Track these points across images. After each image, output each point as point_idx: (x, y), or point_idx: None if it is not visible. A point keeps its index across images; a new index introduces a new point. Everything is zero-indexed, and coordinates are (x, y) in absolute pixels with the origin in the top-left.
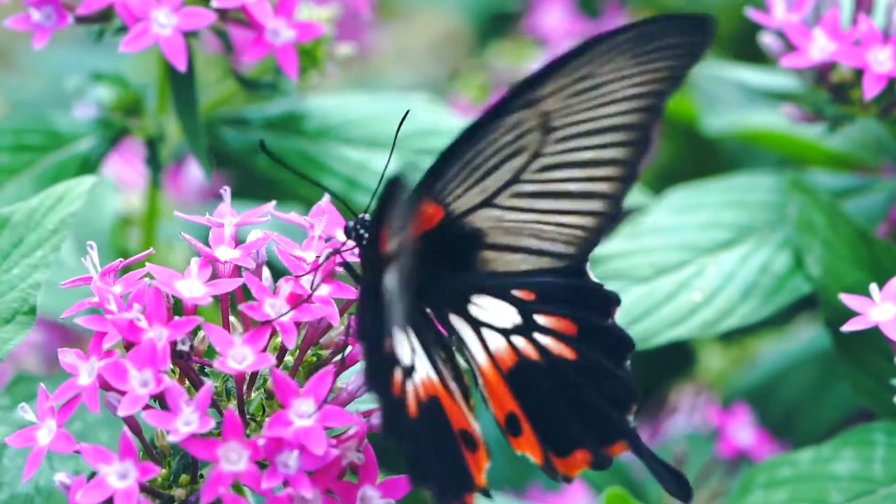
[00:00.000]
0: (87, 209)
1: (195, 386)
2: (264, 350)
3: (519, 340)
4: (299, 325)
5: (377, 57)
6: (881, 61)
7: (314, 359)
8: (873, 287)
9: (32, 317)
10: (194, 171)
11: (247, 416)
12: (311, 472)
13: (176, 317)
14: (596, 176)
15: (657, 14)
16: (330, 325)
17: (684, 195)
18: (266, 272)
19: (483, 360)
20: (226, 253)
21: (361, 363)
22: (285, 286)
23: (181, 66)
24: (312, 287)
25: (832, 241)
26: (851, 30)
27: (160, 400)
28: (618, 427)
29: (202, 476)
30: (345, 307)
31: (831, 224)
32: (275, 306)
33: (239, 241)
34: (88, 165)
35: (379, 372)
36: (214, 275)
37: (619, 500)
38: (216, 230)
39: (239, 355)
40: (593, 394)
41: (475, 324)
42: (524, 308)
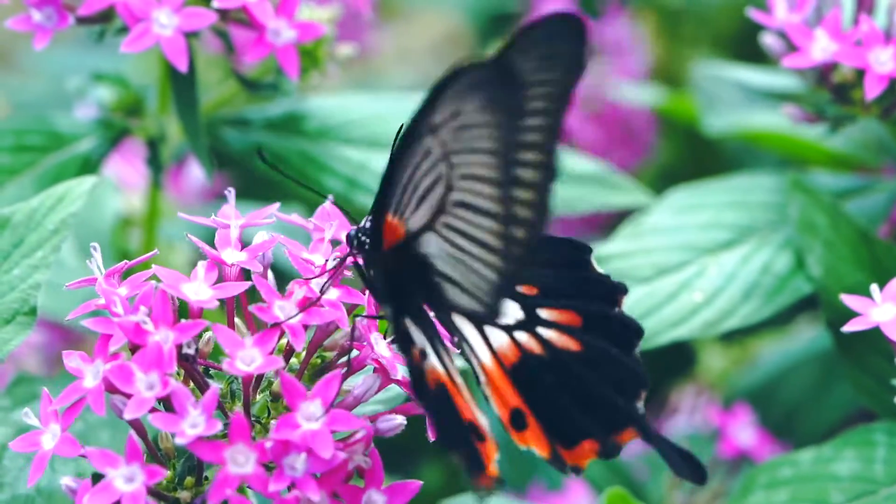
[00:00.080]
0: (88, 210)
1: (200, 388)
2: (272, 352)
3: (522, 336)
4: (307, 329)
5: (378, 57)
6: (882, 62)
7: (318, 361)
8: (874, 287)
9: (33, 317)
10: (195, 172)
11: (252, 418)
12: (318, 476)
13: (181, 319)
14: (485, 227)
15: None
16: (336, 328)
17: (685, 195)
18: (270, 274)
19: (486, 358)
20: (232, 255)
21: (369, 365)
22: (298, 289)
23: (182, 67)
24: (322, 290)
25: (833, 242)
26: (853, 30)
27: (165, 402)
28: (626, 414)
29: (207, 478)
30: (350, 310)
31: (832, 224)
32: (284, 309)
33: (243, 243)
34: (89, 166)
35: (399, 334)
36: (220, 277)
37: (621, 500)
38: (222, 232)
39: (248, 357)
40: (600, 383)
41: (478, 322)
42: (527, 303)
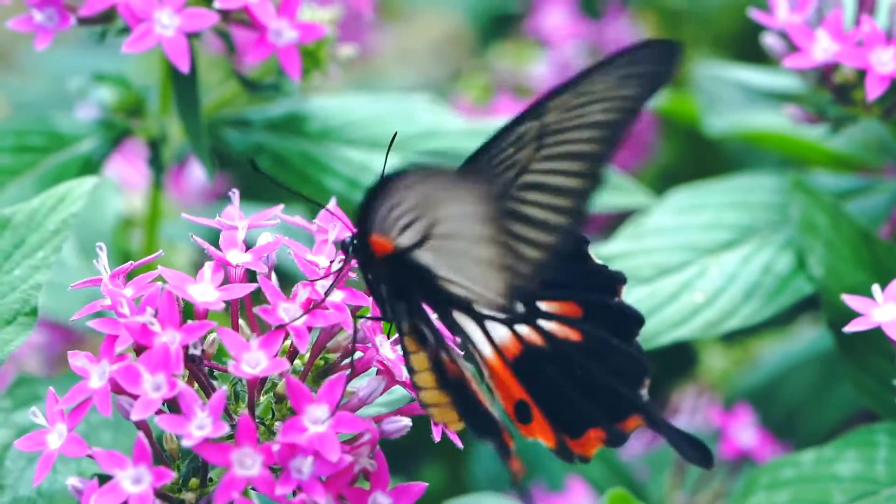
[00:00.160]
0: (89, 210)
1: (205, 389)
2: (277, 355)
3: (523, 328)
4: (311, 331)
5: (379, 58)
6: (884, 62)
7: (322, 363)
8: (875, 288)
9: (34, 318)
10: (196, 173)
11: (256, 420)
12: (324, 478)
13: (186, 320)
14: (556, 205)
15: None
16: (341, 330)
17: (686, 196)
18: (274, 276)
19: (488, 352)
20: (237, 257)
21: (373, 367)
22: (302, 291)
23: (184, 68)
24: (326, 292)
25: (834, 242)
26: (854, 30)
27: (171, 404)
28: (630, 402)
29: (212, 480)
30: (354, 313)
31: (833, 225)
32: (289, 311)
33: (246, 245)
34: (90, 166)
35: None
36: (226, 279)
37: (622, 501)
38: (227, 233)
39: (253, 359)
40: (602, 372)
41: (478, 317)
42: (526, 296)
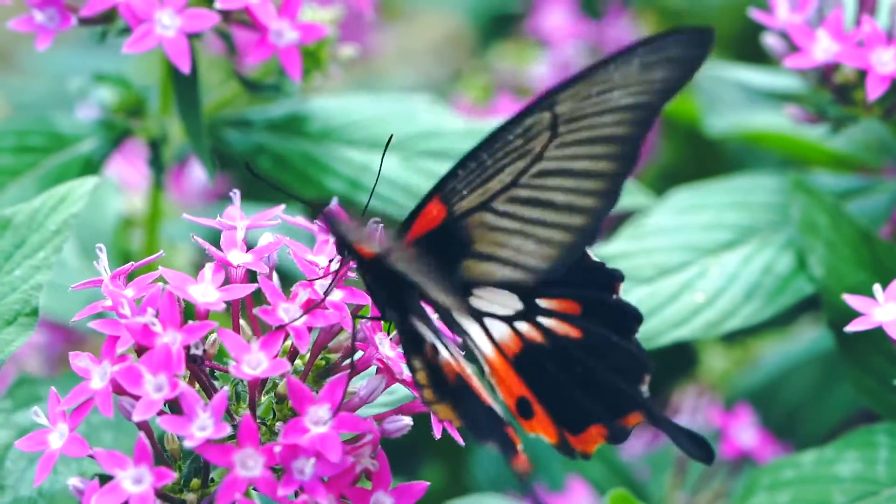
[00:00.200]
0: (90, 210)
1: (206, 390)
2: (277, 355)
3: (522, 326)
4: (311, 331)
5: (380, 58)
6: (885, 62)
7: (323, 363)
8: (876, 288)
9: (35, 318)
10: (197, 173)
11: (257, 420)
12: (326, 479)
13: (187, 321)
14: (583, 188)
15: (667, 24)
16: (341, 330)
17: (687, 196)
18: (275, 276)
19: (489, 350)
20: (238, 257)
21: (373, 366)
22: (302, 291)
23: (185, 68)
24: (325, 292)
25: (835, 242)
26: (855, 31)
27: (172, 404)
28: (630, 399)
29: (213, 480)
30: (354, 312)
31: (834, 225)
32: (289, 311)
33: (248, 245)
34: (91, 167)
35: (409, 341)
36: (227, 279)
37: (623, 502)
38: (227, 234)
39: (254, 361)
40: (603, 369)
41: (478, 315)
42: (525, 293)
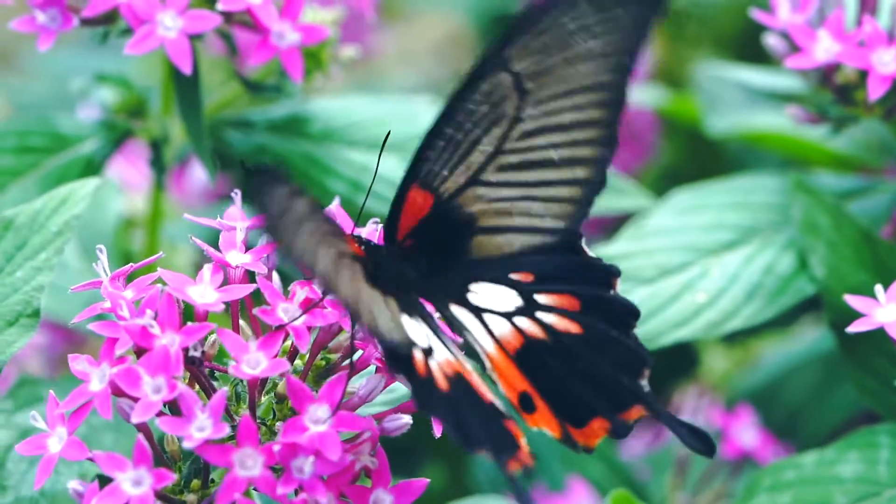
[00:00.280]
0: (91, 211)
1: (205, 391)
2: (277, 355)
3: (522, 321)
4: (311, 330)
5: (380, 58)
6: (886, 62)
7: (323, 363)
8: (878, 288)
9: (36, 319)
10: (198, 173)
11: (257, 420)
12: (325, 477)
13: (187, 322)
14: (577, 140)
15: None
16: (340, 329)
17: (688, 196)
18: (275, 277)
19: (489, 346)
20: (237, 258)
21: (373, 365)
22: (300, 291)
23: (186, 69)
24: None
25: (836, 243)
26: (856, 31)
27: (172, 406)
28: (631, 393)
29: (213, 481)
30: None
31: (835, 225)
32: (288, 311)
33: (246, 246)
34: (92, 167)
35: (395, 357)
36: (225, 280)
37: (625, 502)
38: (226, 234)
39: (253, 360)
40: (603, 363)
41: (477, 311)
42: (524, 290)
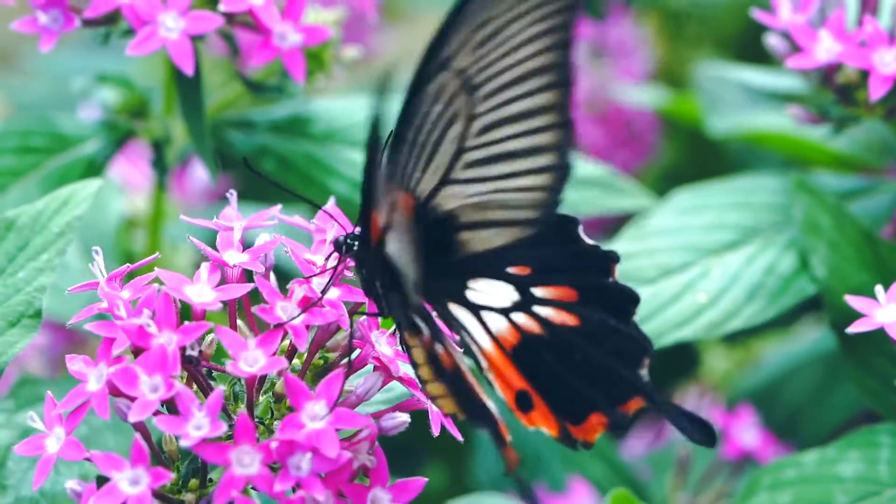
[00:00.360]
0: (93, 211)
1: (203, 390)
2: (275, 353)
3: (519, 317)
4: (309, 329)
5: (382, 59)
6: (887, 62)
7: (321, 362)
8: (878, 288)
9: (38, 320)
10: (199, 173)
11: (255, 420)
12: (323, 475)
13: (184, 321)
14: (534, 127)
15: None
16: (338, 328)
17: (689, 196)
18: (272, 276)
19: (487, 344)
20: (234, 257)
21: (370, 364)
22: (298, 290)
23: (188, 70)
24: (323, 289)
25: (837, 243)
26: (857, 31)
27: (169, 405)
28: (630, 384)
29: (212, 480)
30: (352, 310)
31: (836, 225)
32: (286, 310)
33: (245, 245)
34: (94, 168)
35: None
36: (223, 279)
37: (625, 501)
38: (224, 234)
39: (251, 358)
40: (601, 355)
41: (474, 308)
42: (521, 283)
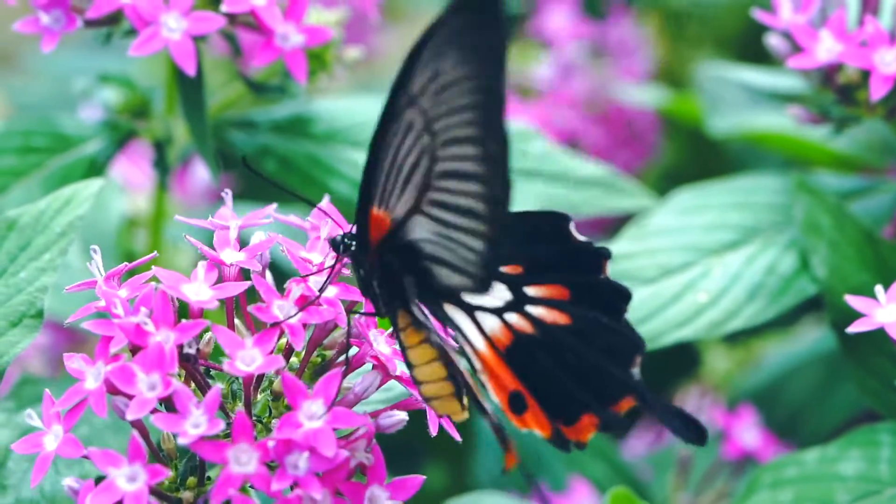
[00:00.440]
0: (94, 211)
1: (201, 388)
2: (272, 352)
3: (512, 317)
4: (306, 328)
5: (383, 59)
6: (888, 62)
7: (318, 360)
8: (879, 288)
9: (39, 320)
10: (201, 173)
11: (253, 418)
12: (320, 474)
13: (182, 320)
14: (472, 192)
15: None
16: (336, 326)
17: (689, 196)
18: (269, 274)
19: (481, 345)
20: (231, 256)
21: (368, 363)
22: (296, 288)
23: (190, 70)
24: (320, 289)
25: (838, 243)
26: (858, 31)
27: (167, 403)
28: (622, 383)
29: (209, 478)
30: (349, 308)
31: (837, 225)
32: (283, 308)
33: (242, 244)
34: (96, 168)
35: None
36: (220, 278)
37: (625, 500)
38: (220, 233)
39: (248, 357)
40: (593, 353)
41: (469, 309)
42: (514, 283)
